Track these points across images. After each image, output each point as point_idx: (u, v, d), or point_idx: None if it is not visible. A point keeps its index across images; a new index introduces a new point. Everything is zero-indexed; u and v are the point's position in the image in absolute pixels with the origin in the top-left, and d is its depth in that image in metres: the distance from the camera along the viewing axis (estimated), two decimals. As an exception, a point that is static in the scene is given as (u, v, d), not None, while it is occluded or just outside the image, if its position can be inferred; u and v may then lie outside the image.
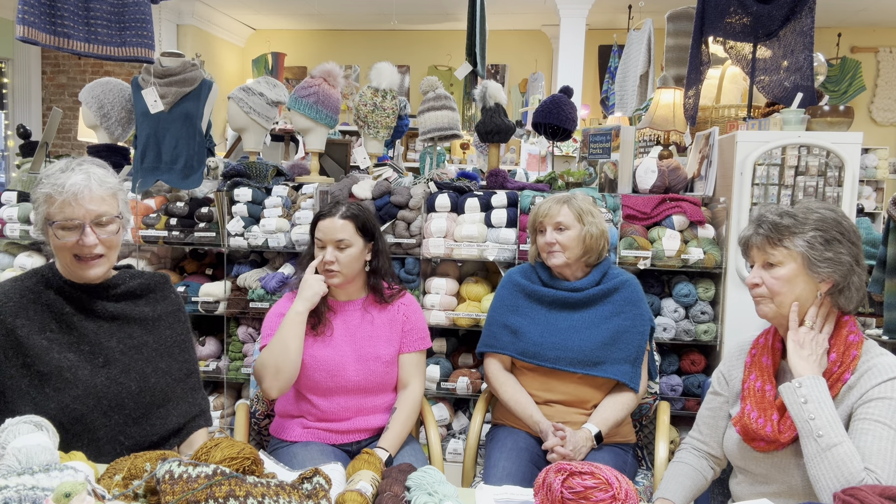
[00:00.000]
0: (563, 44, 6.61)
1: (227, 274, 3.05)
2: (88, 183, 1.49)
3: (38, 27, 2.53)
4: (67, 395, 1.48)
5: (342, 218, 1.91)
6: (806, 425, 1.31)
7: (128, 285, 1.62)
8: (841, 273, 1.38)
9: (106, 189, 1.52)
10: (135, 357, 1.58)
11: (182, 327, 1.72)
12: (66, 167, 1.51)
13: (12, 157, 6.95)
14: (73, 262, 1.52)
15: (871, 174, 6.49)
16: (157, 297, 1.68)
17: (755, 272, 1.47)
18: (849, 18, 7.23)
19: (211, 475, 1.08)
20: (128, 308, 1.61)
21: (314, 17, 7.82)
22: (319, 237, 1.91)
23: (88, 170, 1.52)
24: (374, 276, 1.99)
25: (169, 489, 1.05)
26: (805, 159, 2.66)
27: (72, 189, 1.46)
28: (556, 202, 2.03)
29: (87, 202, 1.48)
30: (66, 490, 0.99)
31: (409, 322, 1.99)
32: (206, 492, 1.05)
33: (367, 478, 1.29)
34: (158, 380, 1.60)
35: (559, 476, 1.17)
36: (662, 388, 2.79)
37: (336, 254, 1.88)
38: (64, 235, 1.48)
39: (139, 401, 1.56)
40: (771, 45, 2.98)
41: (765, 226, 1.43)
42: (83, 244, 1.49)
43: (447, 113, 3.10)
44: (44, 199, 1.49)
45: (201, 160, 2.95)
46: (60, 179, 1.48)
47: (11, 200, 3.09)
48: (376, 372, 1.91)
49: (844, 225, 1.40)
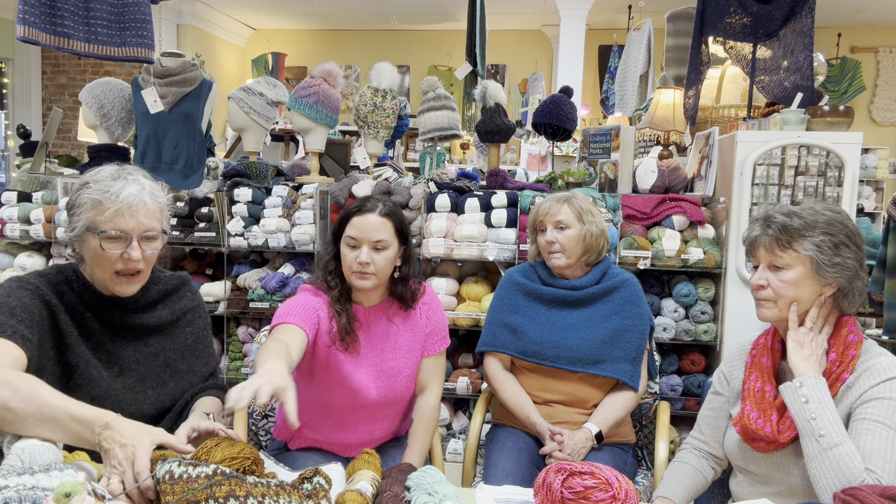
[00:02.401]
0: (563, 44, 6.61)
1: (227, 274, 3.05)
2: (142, 195, 1.45)
3: (39, 27, 2.53)
4: (89, 393, 1.46)
5: (381, 216, 1.71)
6: (807, 425, 1.31)
7: (147, 296, 1.58)
8: (847, 278, 1.38)
9: (157, 203, 1.49)
10: (151, 365, 1.55)
11: (201, 322, 1.68)
12: (116, 175, 1.46)
13: (12, 157, 6.95)
14: (112, 277, 1.47)
15: (871, 174, 6.48)
16: (174, 298, 1.65)
17: (761, 273, 1.44)
18: (849, 18, 7.23)
19: (211, 475, 1.08)
20: (146, 318, 1.57)
21: (314, 17, 7.82)
22: (353, 235, 1.70)
23: (141, 181, 1.48)
24: (401, 283, 1.81)
25: (169, 489, 1.05)
26: (805, 159, 2.66)
27: (127, 200, 1.42)
28: (557, 201, 2.03)
29: (140, 215, 1.44)
30: (66, 490, 0.99)
31: (430, 323, 1.86)
32: (206, 492, 1.05)
33: (367, 478, 1.29)
34: (178, 382, 1.58)
35: (559, 476, 1.17)
36: (662, 388, 2.79)
37: (372, 255, 1.69)
38: (109, 247, 1.43)
39: (159, 406, 1.54)
40: (771, 45, 2.98)
41: (774, 226, 1.40)
42: (129, 258, 1.44)
43: (447, 113, 3.10)
44: (91, 205, 1.43)
45: (201, 160, 2.95)
46: (114, 188, 1.42)
47: (11, 200, 3.09)
48: (397, 388, 1.80)
49: (851, 228, 1.39)
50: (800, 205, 1.43)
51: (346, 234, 1.71)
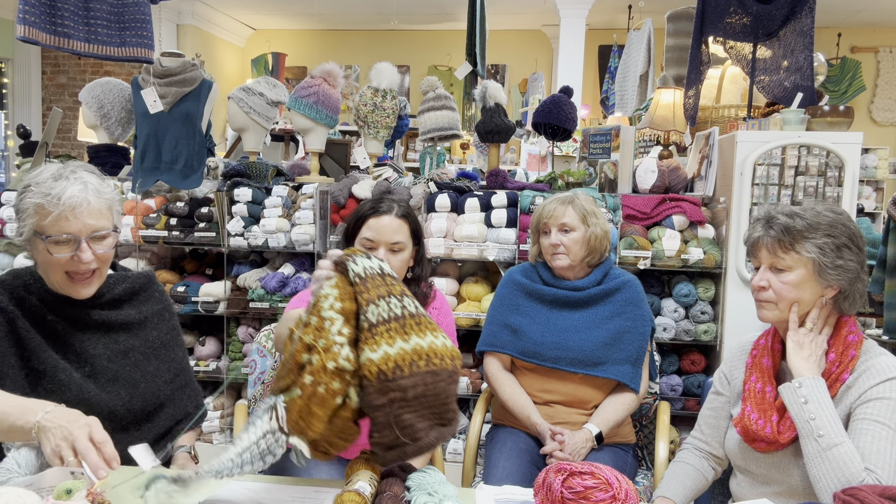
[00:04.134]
0: (563, 44, 6.61)
1: (227, 274, 3.05)
2: (86, 195, 1.37)
3: (39, 27, 2.53)
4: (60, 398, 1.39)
5: (398, 217, 1.68)
6: (806, 425, 1.31)
7: (113, 293, 1.54)
8: (848, 280, 1.37)
9: (103, 201, 1.42)
10: (122, 363, 1.51)
11: (167, 326, 1.64)
12: (57, 174, 1.38)
13: (12, 157, 6.95)
14: (65, 281, 1.42)
15: (871, 174, 6.49)
16: (141, 298, 1.60)
17: (762, 275, 1.43)
18: (849, 18, 7.23)
19: (381, 273, 1.18)
20: (112, 315, 1.53)
21: (314, 17, 7.82)
22: (370, 237, 1.67)
23: (84, 178, 1.40)
24: (413, 284, 1.77)
25: (362, 286, 1.14)
26: (805, 159, 2.66)
27: (69, 202, 1.35)
28: (561, 203, 2.02)
29: (84, 216, 1.37)
30: (67, 486, 1.01)
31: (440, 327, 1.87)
32: (389, 287, 1.16)
33: (366, 478, 1.28)
34: (148, 384, 1.54)
35: (559, 476, 1.17)
36: (662, 388, 2.79)
37: (388, 256, 1.65)
38: (57, 251, 1.37)
39: (130, 408, 1.50)
40: (771, 45, 2.98)
41: (776, 227, 1.40)
42: (79, 260, 1.38)
43: (447, 113, 3.10)
44: (34, 209, 1.36)
45: (201, 160, 2.95)
46: (55, 189, 1.35)
47: (11, 200, 3.09)
48: None
49: (853, 230, 1.39)
50: (801, 205, 1.43)
51: (363, 235, 1.68)
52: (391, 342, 1.11)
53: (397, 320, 1.13)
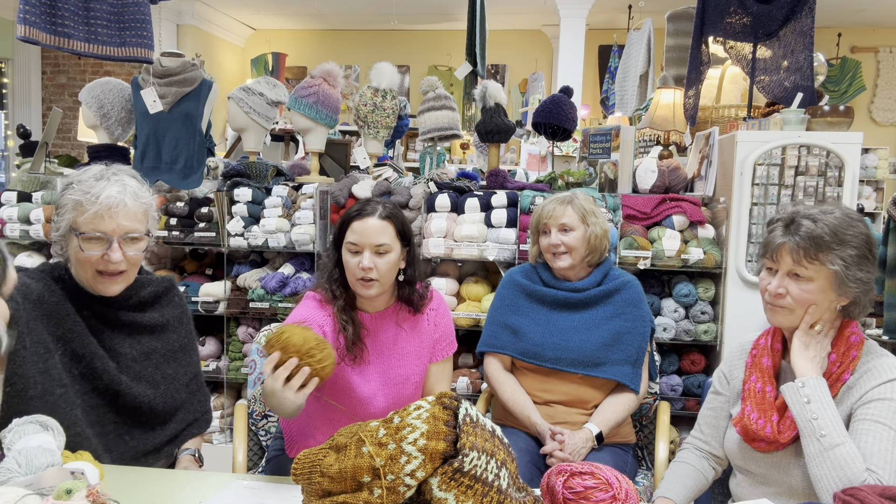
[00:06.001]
0: (563, 44, 6.61)
1: (227, 274, 3.05)
2: (123, 196, 1.42)
3: (39, 27, 2.53)
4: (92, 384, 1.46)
5: (381, 219, 1.67)
6: (808, 425, 1.31)
7: (139, 296, 1.58)
8: (864, 291, 1.37)
9: (140, 205, 1.47)
10: (145, 364, 1.56)
11: (185, 330, 1.69)
12: (100, 175, 1.44)
13: (12, 157, 6.94)
14: (95, 277, 1.47)
15: (871, 174, 6.48)
16: (163, 302, 1.65)
17: (780, 281, 1.40)
18: (849, 18, 7.23)
19: (492, 432, 1.11)
20: (138, 317, 1.57)
21: (314, 17, 7.81)
22: (354, 241, 1.66)
23: (124, 181, 1.45)
24: (407, 286, 1.77)
25: (471, 430, 1.07)
26: (805, 159, 2.66)
27: (106, 201, 1.40)
28: (560, 203, 2.02)
29: (119, 217, 1.42)
30: (67, 486, 1.01)
31: (438, 329, 1.83)
32: (493, 445, 1.08)
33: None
34: (168, 387, 1.58)
35: (560, 478, 1.17)
36: (662, 388, 2.79)
37: (375, 260, 1.64)
38: (89, 248, 1.42)
39: (153, 407, 1.54)
40: (771, 45, 2.98)
41: (802, 234, 1.36)
42: (108, 259, 1.43)
43: (447, 113, 3.10)
44: (73, 205, 1.42)
45: (201, 160, 2.95)
46: (95, 189, 1.41)
47: (11, 200, 3.09)
48: (405, 395, 1.77)
49: (871, 239, 1.38)
50: (818, 206, 1.39)
51: (347, 239, 1.68)
52: (463, 500, 1.02)
53: (483, 485, 1.04)
